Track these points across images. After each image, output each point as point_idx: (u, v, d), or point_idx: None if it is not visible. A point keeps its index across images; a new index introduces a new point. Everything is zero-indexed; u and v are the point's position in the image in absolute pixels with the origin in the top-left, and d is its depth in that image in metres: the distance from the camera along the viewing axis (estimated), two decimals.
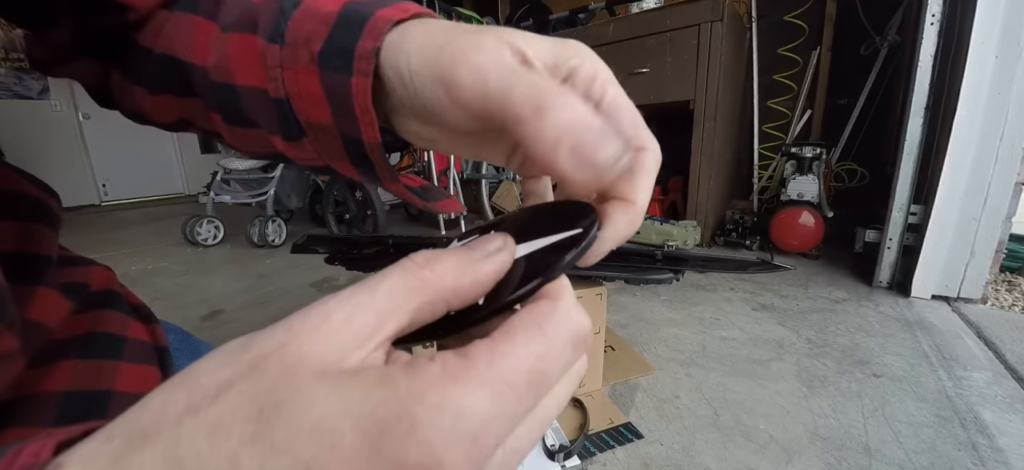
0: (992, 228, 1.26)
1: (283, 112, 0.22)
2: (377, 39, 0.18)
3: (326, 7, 0.20)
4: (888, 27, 1.93)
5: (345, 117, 0.20)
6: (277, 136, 0.24)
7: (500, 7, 3.30)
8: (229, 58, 0.23)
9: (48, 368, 0.26)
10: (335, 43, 0.19)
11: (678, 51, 1.86)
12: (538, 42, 0.17)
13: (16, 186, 0.29)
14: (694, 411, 0.87)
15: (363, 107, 0.19)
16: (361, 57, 0.19)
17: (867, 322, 1.23)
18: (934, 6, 1.28)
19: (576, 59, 0.17)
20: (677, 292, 1.47)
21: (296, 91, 0.21)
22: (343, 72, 0.19)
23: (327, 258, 1.02)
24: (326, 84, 0.20)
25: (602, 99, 0.17)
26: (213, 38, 0.24)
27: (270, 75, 0.21)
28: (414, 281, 0.13)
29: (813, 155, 1.81)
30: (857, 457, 0.74)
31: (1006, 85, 1.18)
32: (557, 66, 0.17)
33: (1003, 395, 0.89)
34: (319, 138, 0.22)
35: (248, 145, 0.27)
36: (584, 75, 0.17)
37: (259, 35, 0.22)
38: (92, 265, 0.34)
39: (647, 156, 0.18)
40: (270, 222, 2.26)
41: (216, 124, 0.26)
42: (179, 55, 0.25)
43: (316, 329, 0.12)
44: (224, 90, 0.24)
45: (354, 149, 0.22)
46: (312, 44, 0.20)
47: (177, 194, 4.74)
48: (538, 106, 0.15)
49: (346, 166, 0.24)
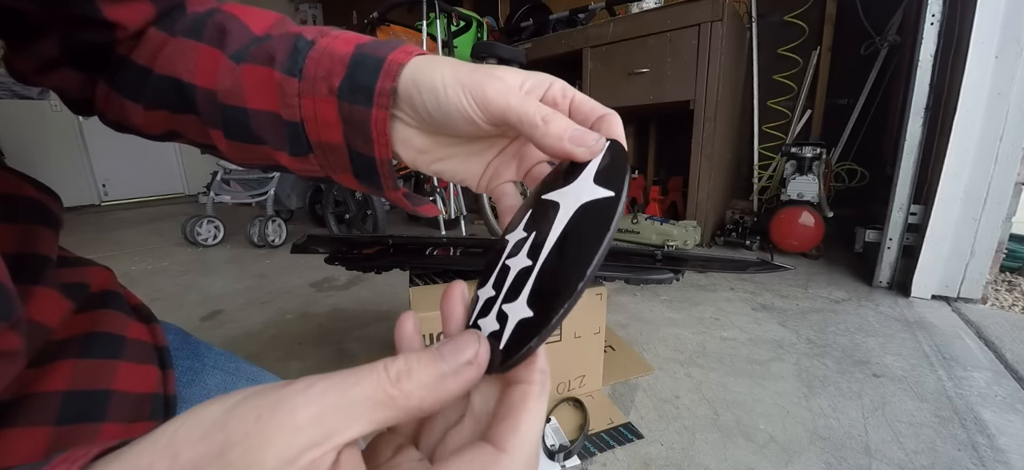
0: (992, 228, 1.26)
1: (296, 133, 0.27)
2: (394, 80, 0.24)
3: (340, 49, 0.25)
4: (888, 27, 1.93)
5: (359, 138, 0.25)
6: (283, 152, 0.28)
7: (500, 7, 3.30)
8: (243, 85, 0.27)
9: (48, 368, 0.27)
10: (355, 80, 0.24)
11: (678, 51, 1.86)
12: (527, 77, 0.24)
13: (16, 189, 0.29)
14: (694, 411, 0.87)
15: (380, 131, 0.25)
16: (381, 94, 0.24)
17: (867, 322, 1.23)
18: (934, 6, 1.28)
19: (546, 82, 0.24)
20: (677, 292, 1.47)
21: (312, 116, 0.26)
22: (363, 104, 0.24)
23: (327, 258, 1.02)
24: (343, 112, 0.25)
25: (572, 101, 0.24)
26: (222, 66, 0.28)
27: (287, 103, 0.26)
28: (383, 397, 0.15)
29: (813, 155, 1.81)
30: (857, 457, 0.74)
31: (1006, 85, 1.18)
32: (538, 88, 0.24)
33: (1003, 395, 0.89)
34: (326, 154, 0.27)
35: (246, 157, 0.31)
36: (557, 90, 0.24)
37: (276, 68, 0.26)
38: (92, 265, 0.34)
39: (610, 116, 0.24)
40: (270, 222, 2.26)
41: (214, 138, 0.30)
42: (182, 77, 0.28)
43: (281, 425, 0.13)
44: (234, 112, 0.28)
45: (361, 163, 0.27)
46: (331, 80, 0.25)
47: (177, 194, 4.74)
48: (545, 118, 0.22)
49: (346, 177, 0.28)
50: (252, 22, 0.29)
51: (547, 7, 2.57)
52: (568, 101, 0.24)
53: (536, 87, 0.24)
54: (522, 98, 0.22)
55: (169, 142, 0.34)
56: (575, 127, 0.22)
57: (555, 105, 0.24)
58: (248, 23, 0.29)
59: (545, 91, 0.24)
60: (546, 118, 0.22)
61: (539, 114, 0.22)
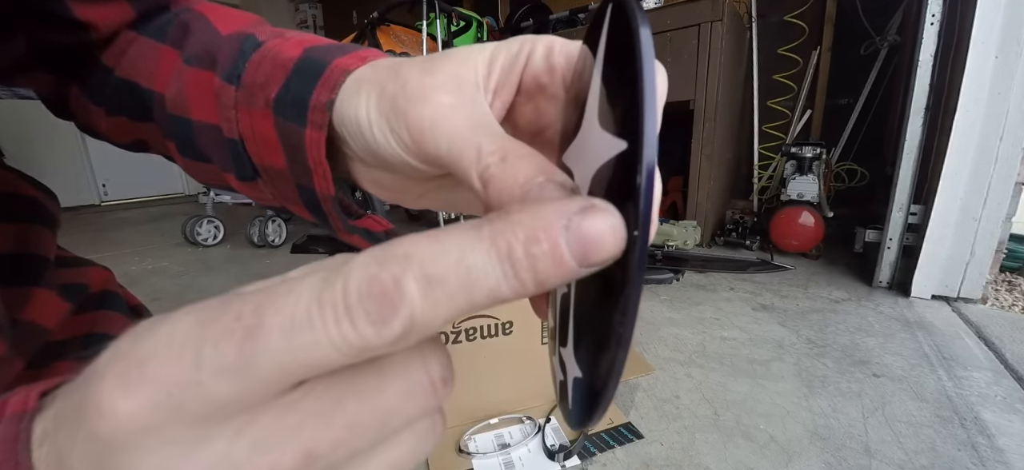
0: (992, 228, 1.26)
1: (237, 152, 0.22)
2: (332, 91, 0.18)
3: (286, 52, 0.20)
4: (888, 27, 1.93)
5: (298, 166, 0.20)
6: (230, 174, 0.24)
7: (500, 7, 3.30)
8: (186, 92, 0.23)
9: (47, 369, 0.27)
10: (291, 90, 0.19)
11: (678, 51, 1.86)
12: (489, 62, 0.17)
13: (15, 188, 0.29)
14: (694, 411, 0.87)
15: (316, 159, 0.19)
16: (315, 109, 0.18)
17: (867, 322, 1.22)
18: (934, 6, 1.27)
19: (523, 55, 0.17)
20: (677, 292, 1.47)
21: (250, 134, 0.21)
22: (297, 122, 0.19)
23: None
24: (280, 130, 0.20)
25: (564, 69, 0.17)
26: (175, 68, 0.24)
27: (224, 115, 0.21)
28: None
29: (813, 155, 1.81)
30: (857, 457, 0.74)
31: (1006, 85, 1.18)
32: (508, 70, 0.17)
33: (1003, 395, 0.89)
34: (274, 181, 0.22)
35: (203, 177, 0.27)
36: (539, 63, 0.17)
37: (216, 73, 0.22)
38: (90, 266, 0.34)
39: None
40: (270, 222, 2.26)
41: (172, 152, 0.26)
42: (140, 81, 0.25)
43: None
44: (179, 122, 0.24)
45: (308, 197, 0.21)
46: (268, 89, 0.20)
47: (177, 194, 4.74)
48: (484, 175, 0.14)
49: (302, 210, 0.23)
50: (221, 22, 0.25)
51: (547, 7, 2.57)
52: (558, 74, 0.17)
53: (504, 70, 0.17)
54: (458, 133, 0.14)
55: (140, 152, 0.30)
56: (536, 182, 0.12)
57: (540, 87, 0.17)
58: (215, 23, 0.25)
59: (524, 64, 0.17)
60: (487, 175, 0.13)
61: (476, 168, 0.13)
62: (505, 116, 0.18)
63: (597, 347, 0.12)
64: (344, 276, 0.09)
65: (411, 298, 0.09)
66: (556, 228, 0.09)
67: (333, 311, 0.09)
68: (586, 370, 0.13)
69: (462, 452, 0.77)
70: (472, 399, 0.84)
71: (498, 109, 0.17)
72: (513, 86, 0.17)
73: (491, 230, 0.10)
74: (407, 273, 0.09)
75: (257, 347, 0.09)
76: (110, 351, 0.10)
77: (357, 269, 0.09)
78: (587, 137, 0.13)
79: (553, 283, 0.10)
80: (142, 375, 0.09)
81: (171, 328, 0.10)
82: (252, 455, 0.10)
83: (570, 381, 0.14)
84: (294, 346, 0.09)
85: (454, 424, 0.83)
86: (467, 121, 0.15)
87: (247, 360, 0.09)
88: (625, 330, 0.10)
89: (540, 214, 0.10)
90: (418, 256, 0.09)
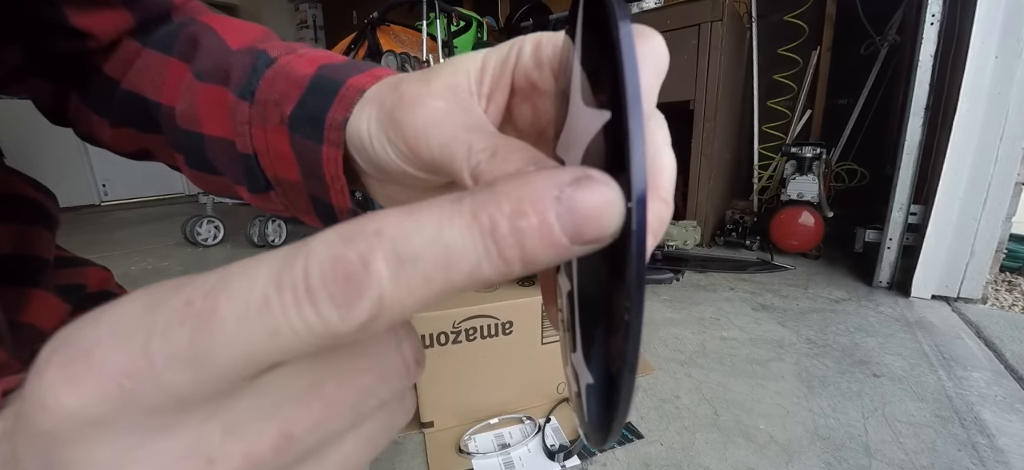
0: (992, 228, 1.26)
1: (250, 166, 0.23)
2: (348, 110, 0.18)
3: (300, 69, 0.21)
4: (888, 27, 1.93)
5: (314, 180, 0.21)
6: (242, 186, 0.24)
7: (500, 7, 3.29)
8: (198, 107, 0.23)
9: None
10: (307, 108, 0.20)
11: (678, 51, 1.86)
12: (481, 68, 0.17)
13: (14, 189, 0.29)
14: (694, 411, 0.87)
15: (334, 175, 0.20)
16: (331, 127, 0.19)
17: (867, 322, 1.22)
18: (934, 6, 1.27)
19: (511, 59, 0.17)
20: (677, 292, 1.47)
21: (264, 149, 0.22)
22: (314, 140, 0.19)
23: None
24: (296, 147, 0.20)
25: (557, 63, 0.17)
26: (185, 82, 0.24)
27: (238, 130, 0.22)
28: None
29: (813, 155, 1.81)
30: (857, 457, 0.74)
31: (1006, 85, 1.18)
32: (499, 75, 0.17)
33: (1003, 395, 0.89)
34: (287, 192, 0.23)
35: (211, 188, 0.27)
36: (528, 60, 0.17)
37: (230, 89, 0.22)
38: (90, 265, 0.34)
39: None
40: (270, 222, 2.26)
41: (180, 163, 0.27)
42: (147, 94, 0.25)
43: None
44: (190, 136, 0.24)
45: (323, 209, 0.22)
46: (283, 106, 0.20)
47: (177, 194, 4.74)
48: (474, 171, 0.14)
49: (315, 220, 0.24)
50: (230, 36, 0.25)
51: (547, 7, 2.57)
52: (548, 68, 0.16)
53: (496, 73, 0.16)
54: (450, 135, 0.14)
55: (144, 160, 0.30)
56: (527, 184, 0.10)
57: (533, 85, 0.17)
58: (225, 36, 0.24)
59: (514, 64, 0.17)
60: (477, 171, 0.13)
61: (467, 165, 0.13)
62: (505, 119, 0.18)
63: (605, 341, 0.11)
64: (305, 255, 0.08)
65: (380, 279, 0.08)
66: (546, 200, 0.08)
67: (293, 294, 0.08)
68: (597, 373, 0.12)
69: (462, 452, 0.77)
70: (472, 399, 0.84)
71: (494, 112, 0.17)
72: (506, 88, 0.17)
73: (473, 203, 0.09)
74: (376, 251, 0.08)
75: (212, 336, 0.08)
76: (53, 341, 0.09)
77: (320, 247, 0.08)
78: (574, 121, 0.13)
79: (542, 263, 0.09)
80: (88, 366, 0.09)
81: (117, 314, 0.09)
82: (225, 442, 0.09)
83: (583, 389, 0.13)
84: (251, 334, 0.08)
85: (454, 424, 0.83)
86: (459, 123, 0.15)
87: (201, 350, 0.08)
88: (632, 316, 0.09)
89: (529, 185, 0.09)
90: (389, 233, 0.08)
